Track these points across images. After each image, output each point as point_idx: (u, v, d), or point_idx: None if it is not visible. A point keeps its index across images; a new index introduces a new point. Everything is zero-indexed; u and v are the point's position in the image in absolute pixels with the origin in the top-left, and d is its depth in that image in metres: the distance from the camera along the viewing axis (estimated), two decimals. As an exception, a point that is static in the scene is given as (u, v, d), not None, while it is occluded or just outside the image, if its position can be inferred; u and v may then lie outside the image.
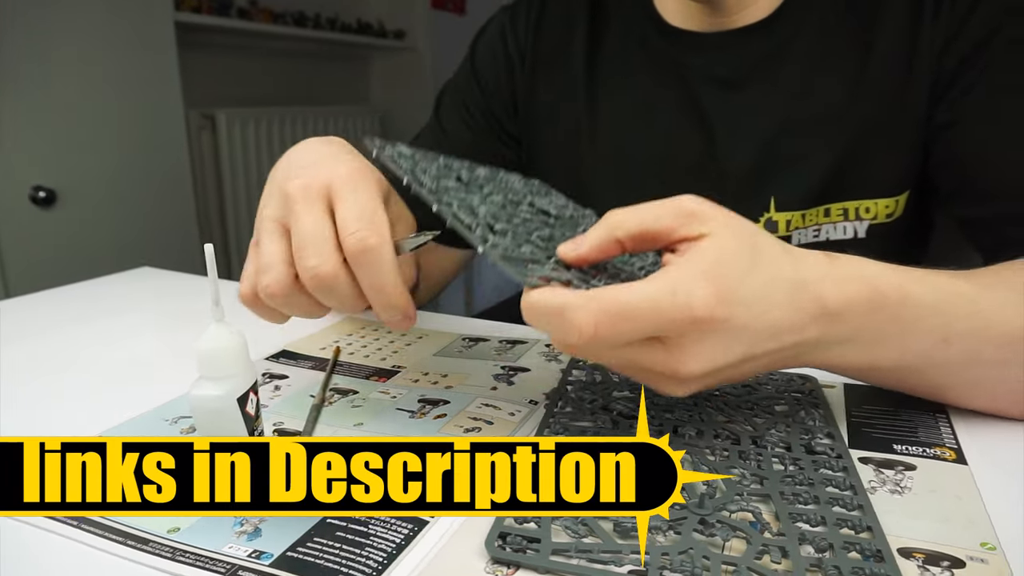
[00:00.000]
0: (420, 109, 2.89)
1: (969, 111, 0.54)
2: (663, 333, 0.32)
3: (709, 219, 0.33)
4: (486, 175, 0.48)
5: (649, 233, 0.33)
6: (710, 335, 0.32)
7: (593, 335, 0.30)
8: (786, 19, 0.59)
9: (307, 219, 0.37)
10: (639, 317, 0.31)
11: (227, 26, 1.94)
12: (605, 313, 0.30)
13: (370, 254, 0.36)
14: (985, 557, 0.30)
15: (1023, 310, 0.38)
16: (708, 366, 0.33)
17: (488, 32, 0.72)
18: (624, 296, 0.31)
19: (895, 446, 0.40)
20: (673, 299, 0.31)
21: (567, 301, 0.31)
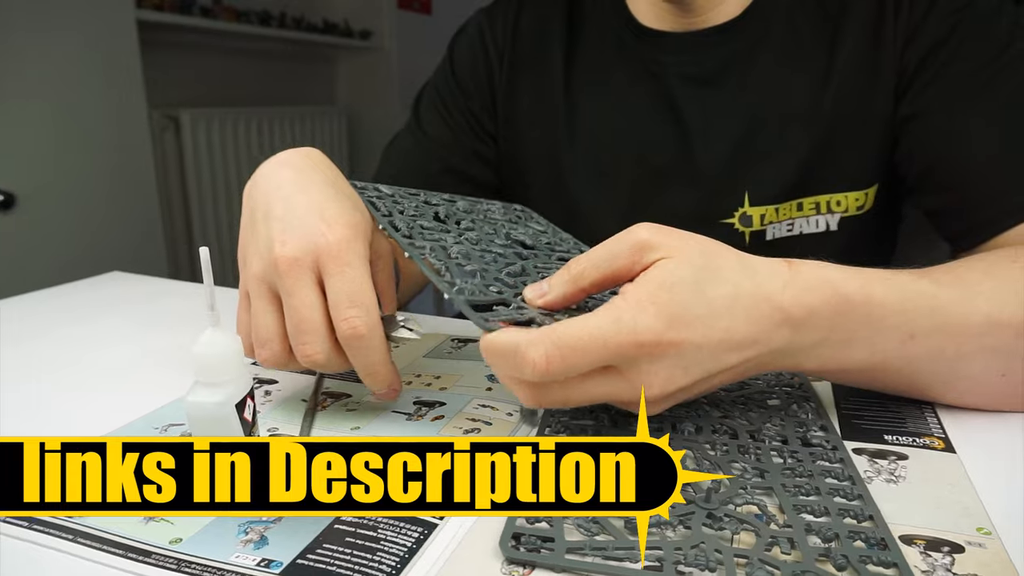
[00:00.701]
0: (387, 109, 2.87)
1: (932, 104, 0.56)
2: (615, 363, 0.33)
3: (661, 246, 0.34)
4: (465, 207, 0.50)
5: (610, 276, 0.35)
6: (663, 358, 0.33)
7: (545, 370, 0.32)
8: (755, 19, 0.61)
9: (300, 300, 0.39)
10: (587, 349, 0.32)
11: (189, 24, 1.89)
12: (556, 347, 0.31)
13: (362, 340, 0.39)
14: (982, 542, 0.31)
15: (979, 305, 0.39)
16: (669, 387, 0.34)
17: (466, 33, 0.72)
18: (572, 330, 0.32)
19: (886, 436, 0.41)
20: (617, 327, 0.32)
21: (519, 339, 0.32)
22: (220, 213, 2.10)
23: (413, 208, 0.45)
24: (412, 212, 0.45)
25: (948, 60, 0.54)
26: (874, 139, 0.59)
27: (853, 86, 0.58)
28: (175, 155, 1.97)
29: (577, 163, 0.67)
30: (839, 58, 0.58)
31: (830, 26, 0.59)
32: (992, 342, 0.39)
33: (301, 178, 0.43)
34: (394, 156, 0.73)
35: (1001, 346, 0.39)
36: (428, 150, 0.71)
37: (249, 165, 2.19)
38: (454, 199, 0.51)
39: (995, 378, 0.41)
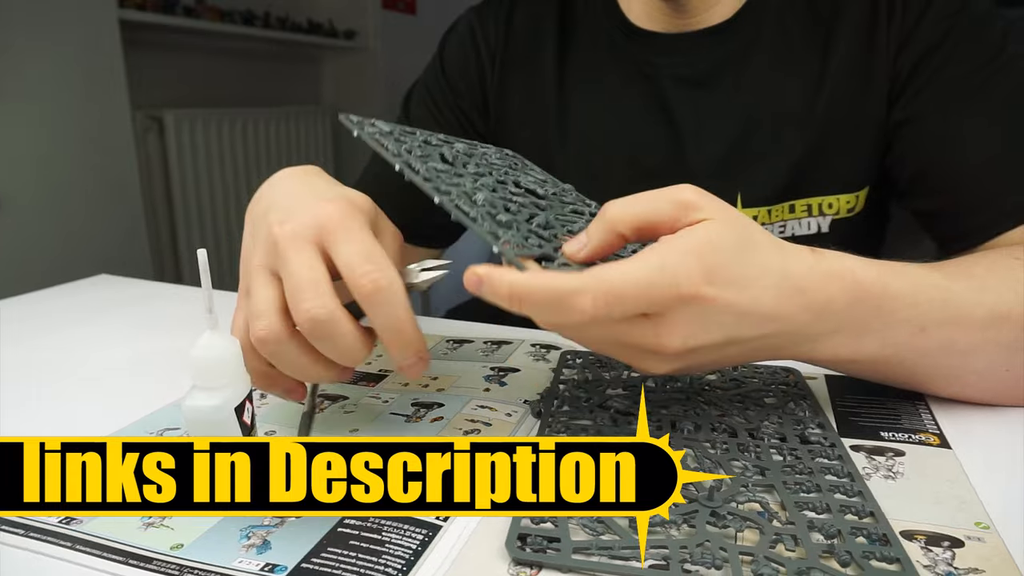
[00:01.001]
0: (372, 109, 2.86)
1: (926, 109, 0.56)
2: (651, 310, 0.33)
3: (706, 208, 0.34)
4: (465, 150, 0.47)
5: (648, 227, 0.34)
6: (695, 312, 0.33)
7: (593, 316, 0.31)
8: (746, 21, 0.61)
9: (299, 263, 0.34)
10: (633, 295, 0.32)
11: (173, 24, 1.87)
12: (603, 293, 0.31)
13: (384, 293, 0.34)
14: (981, 536, 0.31)
15: (986, 300, 0.40)
16: (690, 343, 0.34)
17: (457, 32, 0.72)
18: (618, 275, 0.32)
19: (882, 433, 0.41)
20: (661, 273, 0.32)
21: (565, 286, 0.31)
22: (204, 215, 2.08)
23: (418, 148, 0.42)
24: (419, 152, 0.41)
25: (942, 64, 0.55)
26: (866, 143, 0.60)
27: (846, 91, 0.59)
28: (159, 156, 1.95)
29: (568, 164, 0.67)
30: (832, 63, 0.59)
31: (822, 31, 0.60)
32: (998, 336, 0.40)
33: (302, 179, 0.42)
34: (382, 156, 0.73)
35: (1007, 340, 0.40)
36: None
37: (234, 166, 2.17)
38: (451, 140, 0.48)
39: (1000, 372, 0.41)
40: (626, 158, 0.65)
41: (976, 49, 0.54)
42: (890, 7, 0.57)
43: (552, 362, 0.53)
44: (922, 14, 0.56)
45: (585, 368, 0.50)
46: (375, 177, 0.71)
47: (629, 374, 0.49)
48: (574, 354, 0.53)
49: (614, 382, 0.47)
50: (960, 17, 0.55)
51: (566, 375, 0.49)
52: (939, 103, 0.55)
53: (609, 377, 0.49)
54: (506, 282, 0.32)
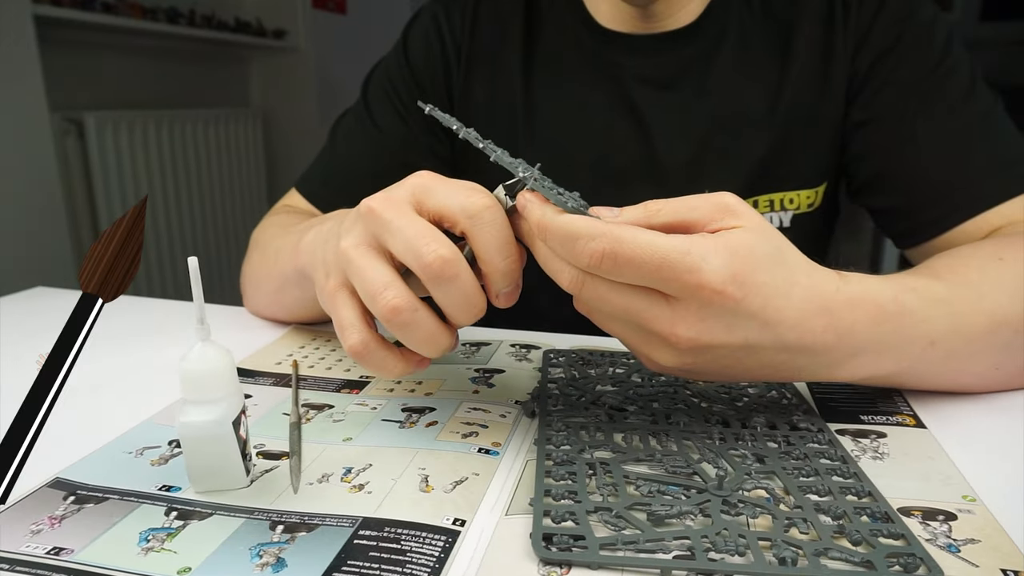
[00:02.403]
0: (304, 110, 2.78)
1: (882, 111, 0.59)
2: (666, 288, 0.33)
3: (744, 215, 0.34)
4: None
5: (683, 223, 0.35)
6: (717, 308, 0.33)
7: (597, 265, 0.32)
8: (709, 25, 0.63)
9: (407, 221, 0.35)
10: (642, 261, 0.32)
11: (91, 21, 1.77)
12: (612, 248, 0.32)
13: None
14: (971, 508, 0.33)
15: (984, 306, 0.42)
16: (705, 337, 0.34)
17: (421, 24, 0.71)
18: (638, 237, 0.32)
19: (862, 417, 0.43)
20: (682, 256, 0.32)
21: (583, 229, 0.32)
22: (131, 222, 1.97)
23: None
24: None
25: (895, 67, 0.58)
26: (826, 141, 0.63)
27: (806, 91, 0.61)
28: (79, 161, 1.84)
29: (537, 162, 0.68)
30: (792, 64, 0.61)
31: (781, 33, 0.62)
32: (995, 340, 0.42)
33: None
34: (343, 144, 0.71)
35: (1001, 343, 0.42)
36: (381, 143, 0.69)
37: (161, 171, 2.07)
38: None
39: (992, 371, 0.44)
40: (594, 157, 0.66)
41: (926, 53, 0.57)
42: (845, 10, 0.60)
43: (535, 362, 0.53)
44: (875, 17, 0.59)
45: (571, 366, 0.50)
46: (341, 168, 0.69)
47: (615, 370, 0.50)
48: (556, 353, 0.53)
49: (602, 379, 0.48)
50: (910, 22, 0.58)
51: (553, 374, 0.49)
52: (894, 105, 0.58)
53: (596, 374, 0.49)
54: (538, 213, 0.34)
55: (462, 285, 0.35)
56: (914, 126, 0.58)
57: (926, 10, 0.59)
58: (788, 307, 0.35)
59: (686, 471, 0.36)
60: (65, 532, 0.32)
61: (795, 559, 0.29)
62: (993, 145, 0.56)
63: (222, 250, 2.41)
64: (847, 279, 0.38)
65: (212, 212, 2.34)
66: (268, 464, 0.38)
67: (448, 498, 0.34)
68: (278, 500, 0.35)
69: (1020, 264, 0.46)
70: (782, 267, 0.35)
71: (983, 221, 0.54)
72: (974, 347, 0.42)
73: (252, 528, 0.32)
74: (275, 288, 0.59)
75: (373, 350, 0.37)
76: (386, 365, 0.38)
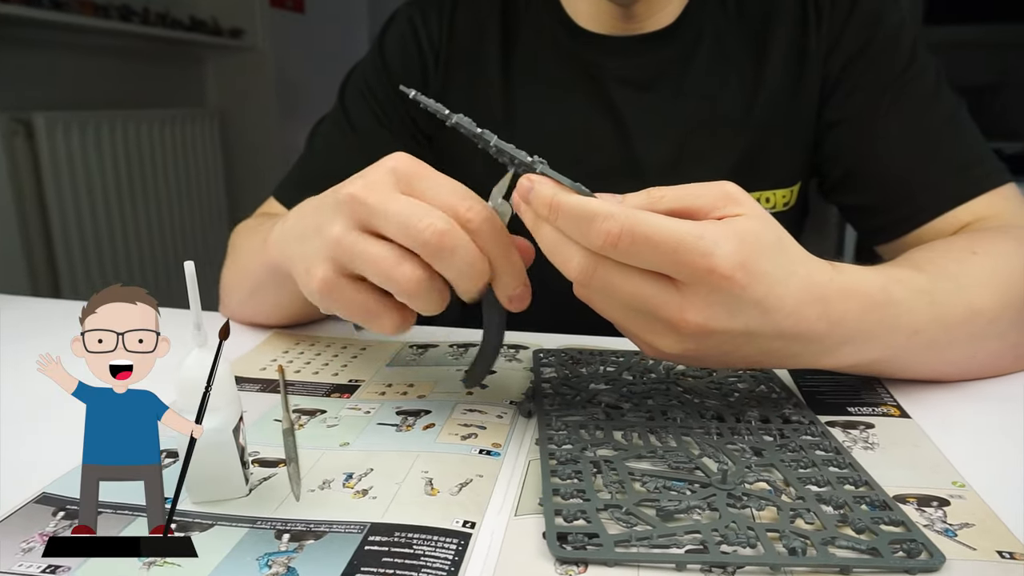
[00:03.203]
0: (262, 111, 2.73)
1: (854, 112, 0.61)
2: (677, 273, 0.33)
3: (747, 204, 0.35)
4: None
5: (688, 210, 0.35)
6: (724, 294, 0.34)
7: (614, 245, 0.32)
8: (686, 28, 0.64)
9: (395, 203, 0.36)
10: (658, 244, 0.32)
11: (40, 18, 1.71)
12: (630, 228, 0.32)
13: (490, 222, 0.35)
14: (961, 494, 0.35)
15: (962, 297, 0.44)
16: (711, 323, 0.35)
17: (398, 26, 0.70)
18: (653, 219, 0.32)
19: (848, 408, 0.44)
20: (696, 240, 0.32)
21: (599, 208, 0.33)
22: (85, 226, 1.91)
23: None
24: None
25: (865, 70, 0.60)
26: (800, 141, 0.64)
27: (781, 92, 0.63)
28: (29, 163, 1.77)
29: None
30: (767, 66, 0.63)
31: (755, 36, 0.63)
32: (971, 330, 0.44)
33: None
34: (324, 151, 0.70)
35: (976, 332, 0.44)
36: (360, 148, 0.69)
37: (115, 173, 2.01)
38: None
39: (967, 360, 0.46)
40: (574, 157, 0.66)
41: (895, 57, 0.60)
42: (817, 13, 0.61)
43: (524, 361, 0.53)
44: (846, 22, 0.61)
45: (562, 366, 0.51)
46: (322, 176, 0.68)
47: (605, 369, 0.50)
48: (546, 352, 0.53)
49: (594, 377, 0.48)
50: (879, 27, 0.60)
51: (545, 374, 0.49)
52: (866, 106, 0.60)
53: (587, 372, 0.49)
54: (550, 191, 0.34)
55: (464, 254, 0.35)
56: (885, 126, 0.60)
57: (894, 15, 0.61)
58: (787, 295, 0.36)
59: (688, 466, 0.36)
60: (59, 549, 0.31)
61: (804, 549, 0.29)
62: (959, 145, 0.59)
63: (179, 254, 2.34)
64: (839, 269, 0.39)
65: (169, 215, 2.28)
66: (265, 472, 0.38)
67: (455, 500, 0.34)
68: (280, 508, 0.34)
69: (992, 258, 0.48)
70: (783, 256, 0.36)
71: (952, 218, 0.57)
72: (952, 336, 0.44)
73: (257, 538, 0.32)
74: (249, 290, 0.58)
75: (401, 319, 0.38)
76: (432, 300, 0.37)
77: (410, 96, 0.40)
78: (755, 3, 0.63)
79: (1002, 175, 0.57)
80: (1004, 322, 0.46)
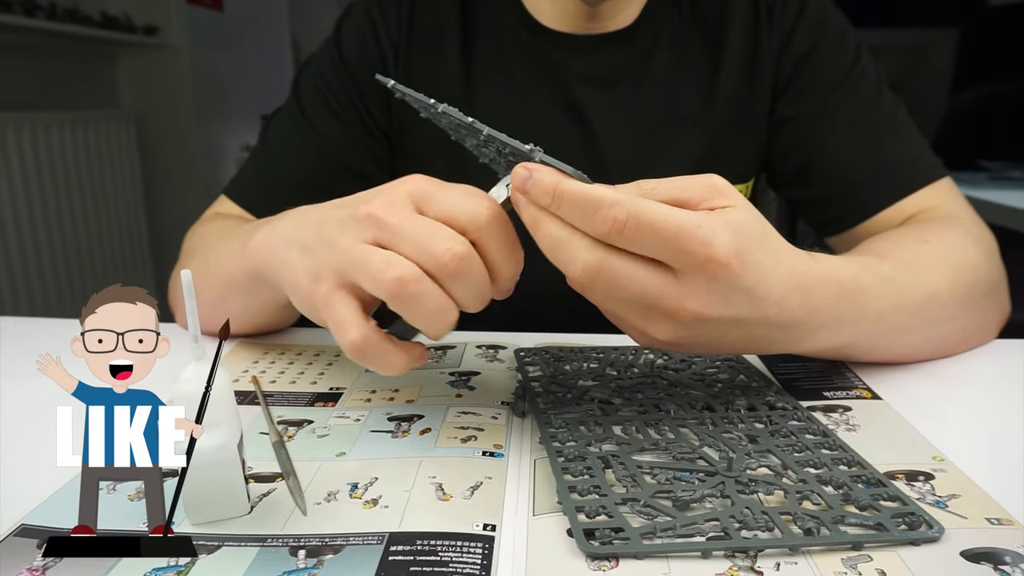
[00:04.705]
0: (180, 112, 2.61)
1: (804, 109, 0.64)
2: (676, 261, 0.34)
3: (733, 196, 0.36)
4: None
5: (677, 201, 0.36)
6: (720, 282, 0.35)
7: (620, 232, 0.33)
8: (644, 28, 0.65)
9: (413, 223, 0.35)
10: (661, 230, 0.33)
11: (-67, 13, 1.58)
12: (635, 215, 0.33)
13: (498, 219, 0.36)
14: (943, 468, 0.37)
15: (920, 284, 0.47)
16: (708, 311, 0.36)
17: (355, 19, 0.68)
18: (656, 207, 0.33)
19: (824, 393, 0.47)
20: (696, 228, 0.33)
21: (605, 195, 0.33)
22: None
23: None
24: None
25: (814, 70, 0.63)
26: (754, 138, 0.67)
27: (736, 91, 0.65)
28: (-75, 170, 1.63)
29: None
30: (722, 66, 0.65)
31: (710, 37, 0.65)
32: (928, 314, 0.47)
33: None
34: (279, 148, 0.68)
35: (933, 316, 0.48)
36: (319, 146, 0.67)
37: (23, 178, 1.88)
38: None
39: (923, 342, 0.49)
40: None
41: (841, 58, 0.63)
42: (769, 17, 0.64)
43: (506, 361, 0.53)
44: (795, 24, 0.64)
45: (546, 364, 0.51)
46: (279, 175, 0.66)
47: (589, 365, 0.51)
48: (527, 351, 0.53)
49: (581, 374, 0.49)
50: (825, 30, 0.63)
51: (532, 373, 0.49)
52: (815, 104, 0.63)
53: (572, 369, 0.50)
54: (553, 179, 0.34)
55: (476, 280, 0.35)
56: (834, 123, 0.63)
57: (838, 19, 0.65)
58: (775, 284, 0.37)
59: (692, 456, 0.37)
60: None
61: (818, 528, 0.31)
62: (902, 140, 0.63)
63: (95, 263, 2.21)
64: (816, 259, 0.41)
65: (84, 220, 2.15)
66: (263, 488, 0.36)
67: (470, 504, 0.34)
68: (288, 524, 0.33)
69: (942, 246, 0.51)
70: (770, 245, 0.37)
71: (900, 209, 0.60)
72: (913, 320, 0.47)
73: (271, 556, 0.30)
74: (216, 297, 0.55)
75: (375, 343, 0.36)
76: (389, 360, 0.37)
77: (388, 86, 0.39)
78: (709, 7, 0.65)
79: (941, 169, 0.62)
80: (955, 306, 0.49)
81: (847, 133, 0.62)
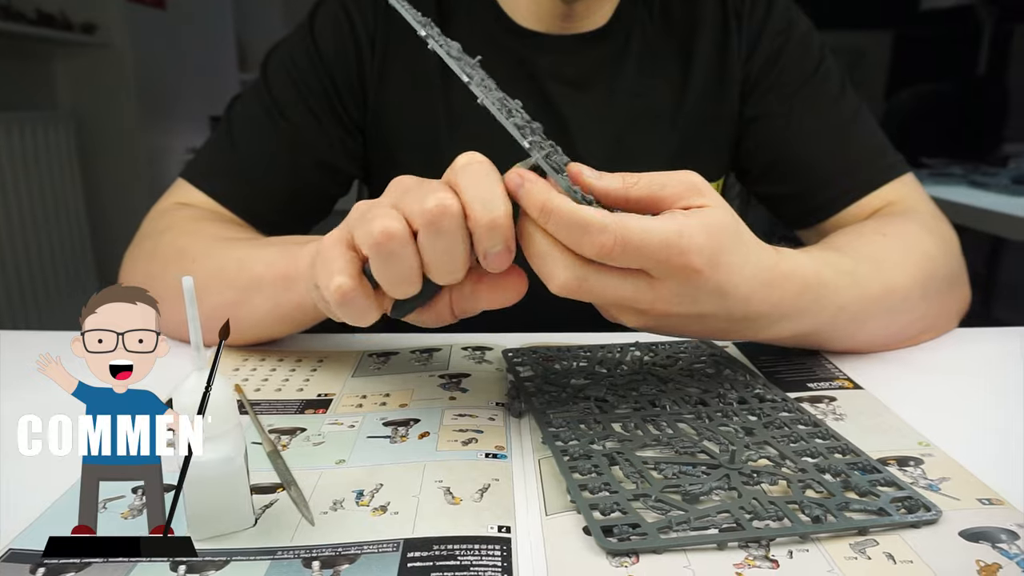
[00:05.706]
0: (122, 112, 2.52)
1: (772, 108, 0.66)
2: (654, 269, 0.36)
3: (710, 194, 0.37)
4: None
5: (653, 198, 0.37)
6: (692, 286, 0.37)
7: (606, 255, 0.34)
8: (617, 29, 0.66)
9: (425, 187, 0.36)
10: (646, 249, 0.34)
11: None
12: (622, 239, 0.34)
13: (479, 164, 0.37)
14: (930, 452, 0.39)
15: (878, 276, 0.49)
16: (675, 309, 0.38)
17: (329, 11, 0.67)
18: (639, 228, 0.34)
19: (808, 384, 0.48)
20: (678, 238, 0.35)
21: (594, 220, 0.34)
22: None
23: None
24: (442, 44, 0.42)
25: (781, 71, 0.65)
26: (726, 136, 0.68)
27: (707, 91, 0.66)
28: None
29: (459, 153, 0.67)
30: (693, 67, 0.66)
31: (680, 38, 0.67)
32: (887, 305, 0.49)
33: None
34: (250, 139, 0.65)
35: (891, 307, 0.50)
36: (295, 139, 0.65)
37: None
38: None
39: (881, 331, 0.51)
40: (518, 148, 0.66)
41: (806, 59, 0.65)
42: (737, 19, 0.66)
43: (494, 362, 0.53)
44: (762, 27, 0.65)
45: (536, 364, 0.51)
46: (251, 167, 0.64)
47: (578, 364, 0.51)
48: (514, 352, 0.53)
49: (571, 373, 0.49)
50: (790, 32, 0.66)
51: (522, 373, 0.49)
52: (782, 104, 0.65)
53: (562, 368, 0.50)
54: (544, 195, 0.35)
55: (451, 239, 0.35)
56: (800, 122, 0.65)
57: (803, 22, 0.67)
58: (742, 283, 0.39)
59: (693, 450, 0.38)
60: (57, 609, 0.27)
61: (824, 515, 0.32)
62: (865, 138, 0.65)
63: (35, 269, 2.12)
64: (782, 254, 0.43)
65: (21, 226, 2.05)
66: (265, 499, 0.35)
67: (482, 506, 0.34)
68: (297, 535, 0.32)
69: (899, 239, 0.54)
70: (741, 244, 0.39)
71: (866, 203, 0.63)
72: (871, 311, 0.49)
73: (283, 570, 0.30)
74: (230, 300, 0.53)
75: (363, 294, 0.36)
76: (369, 314, 0.37)
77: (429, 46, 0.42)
78: (679, 9, 0.67)
79: (904, 165, 0.64)
80: (914, 297, 0.52)
81: (812, 131, 0.64)
